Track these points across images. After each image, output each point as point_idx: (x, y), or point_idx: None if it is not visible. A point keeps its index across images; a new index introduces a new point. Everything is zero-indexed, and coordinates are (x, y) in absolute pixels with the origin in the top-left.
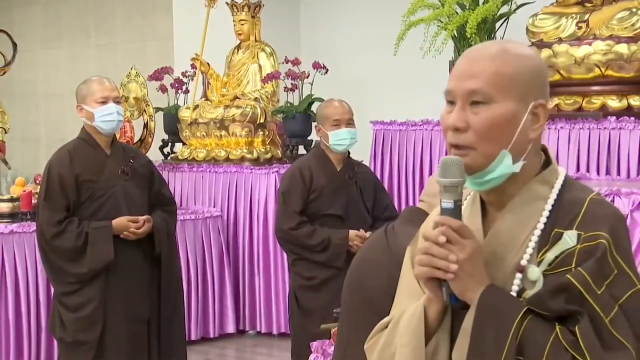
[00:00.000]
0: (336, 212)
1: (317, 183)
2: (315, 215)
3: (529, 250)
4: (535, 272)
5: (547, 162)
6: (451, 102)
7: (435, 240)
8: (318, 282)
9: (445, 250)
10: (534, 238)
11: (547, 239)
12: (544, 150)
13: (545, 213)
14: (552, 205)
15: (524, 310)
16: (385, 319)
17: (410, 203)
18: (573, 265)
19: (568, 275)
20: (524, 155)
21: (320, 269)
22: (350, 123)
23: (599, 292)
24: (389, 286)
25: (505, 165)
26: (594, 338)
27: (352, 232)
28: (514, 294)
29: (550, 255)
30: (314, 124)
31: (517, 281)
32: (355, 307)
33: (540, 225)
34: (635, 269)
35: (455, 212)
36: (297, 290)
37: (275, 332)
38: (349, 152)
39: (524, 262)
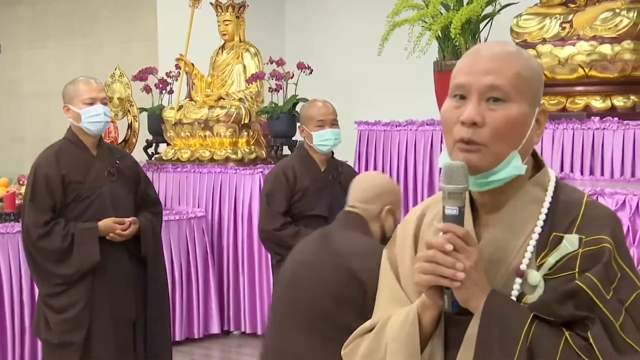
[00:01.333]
0: (320, 213)
1: (301, 184)
2: (299, 215)
3: (528, 255)
4: (535, 277)
5: (539, 165)
6: (460, 97)
7: (442, 248)
8: None
9: (452, 259)
10: (532, 242)
11: (546, 242)
12: (534, 153)
13: (542, 216)
14: (548, 209)
15: (531, 316)
16: (366, 324)
17: None
18: (577, 270)
19: (577, 281)
20: (527, 158)
21: None
22: (334, 124)
23: (608, 297)
24: (332, 291)
25: (513, 167)
26: (607, 343)
27: None
28: (513, 299)
29: (551, 260)
30: (298, 124)
31: (517, 286)
32: (300, 309)
33: (538, 229)
34: (636, 270)
35: (459, 218)
36: None
37: (259, 332)
38: (332, 153)
39: (523, 267)
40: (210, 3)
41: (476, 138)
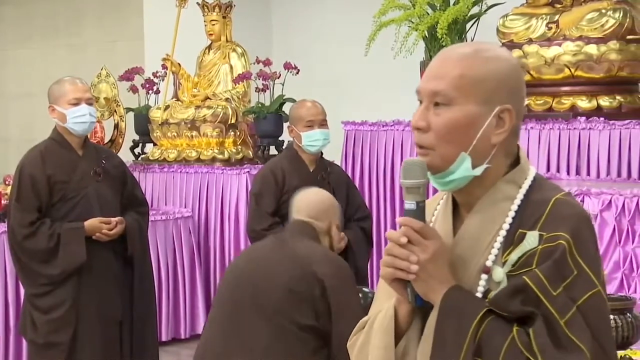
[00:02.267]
0: None
1: (289, 184)
2: (288, 216)
3: (494, 251)
4: (499, 273)
5: (517, 163)
6: (420, 102)
7: (397, 241)
8: None
9: (407, 251)
10: (500, 239)
11: (512, 239)
12: (518, 150)
13: (511, 214)
14: (519, 206)
15: (483, 311)
16: (365, 318)
17: (381, 203)
18: (534, 266)
19: (524, 277)
20: (488, 159)
21: None
22: (323, 124)
23: (555, 294)
24: (287, 285)
25: (464, 169)
26: (546, 339)
27: None
28: (479, 295)
29: (514, 256)
30: (285, 124)
31: (482, 282)
32: (253, 303)
33: (506, 226)
34: (598, 269)
35: (418, 212)
36: None
37: None
38: (322, 153)
39: (489, 263)
40: (197, 3)
41: (423, 142)
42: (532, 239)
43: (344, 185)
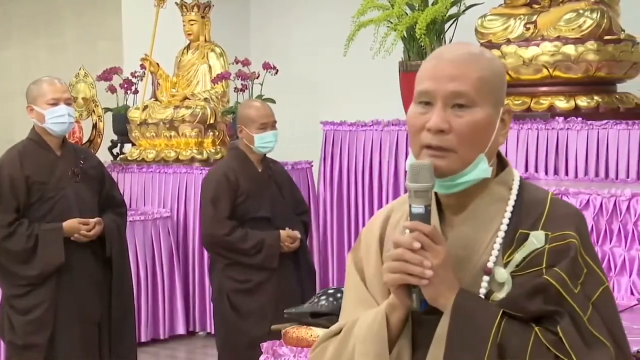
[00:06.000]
0: (264, 214)
1: (243, 186)
2: (244, 218)
3: (495, 252)
4: (502, 274)
5: (503, 164)
6: (426, 103)
7: (409, 246)
8: (253, 284)
9: (420, 257)
10: (498, 240)
11: (512, 240)
12: (497, 152)
13: (507, 214)
14: (513, 206)
15: (500, 313)
16: (334, 327)
17: (360, 203)
18: (544, 265)
19: (545, 276)
20: (492, 159)
21: (255, 271)
22: (274, 125)
23: (576, 291)
24: None
25: (480, 170)
26: (577, 337)
27: (283, 233)
28: (482, 296)
29: (518, 257)
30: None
31: (484, 284)
32: None
33: (504, 227)
34: (601, 266)
35: (426, 217)
36: (231, 294)
37: None
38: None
39: (490, 265)
40: (176, 3)
41: (443, 144)
42: (538, 239)
43: (288, 182)
